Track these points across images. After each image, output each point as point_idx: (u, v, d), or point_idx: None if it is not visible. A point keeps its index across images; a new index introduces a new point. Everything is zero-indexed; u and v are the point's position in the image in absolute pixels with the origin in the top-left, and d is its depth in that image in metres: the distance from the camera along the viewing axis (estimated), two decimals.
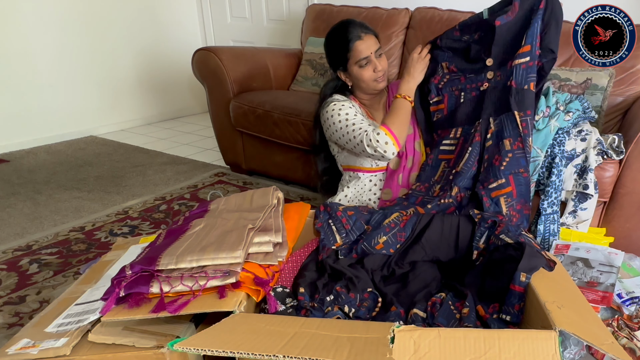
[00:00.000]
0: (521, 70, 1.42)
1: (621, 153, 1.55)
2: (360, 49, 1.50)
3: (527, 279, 0.96)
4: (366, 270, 1.21)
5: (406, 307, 1.08)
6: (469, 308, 1.01)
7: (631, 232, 1.61)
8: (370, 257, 1.25)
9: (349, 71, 1.56)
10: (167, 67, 3.85)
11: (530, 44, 1.42)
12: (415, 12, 2.57)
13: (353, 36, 1.50)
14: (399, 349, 0.73)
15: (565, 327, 0.75)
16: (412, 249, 1.26)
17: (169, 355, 0.90)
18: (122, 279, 0.98)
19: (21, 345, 0.96)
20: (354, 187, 1.61)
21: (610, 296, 1.29)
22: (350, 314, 1.06)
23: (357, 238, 1.29)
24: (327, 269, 1.19)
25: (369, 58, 1.51)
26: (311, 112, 2.27)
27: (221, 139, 2.68)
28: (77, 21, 3.28)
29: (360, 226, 1.31)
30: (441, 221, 1.27)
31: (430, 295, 1.11)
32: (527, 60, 1.42)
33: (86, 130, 3.50)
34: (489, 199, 1.36)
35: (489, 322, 0.98)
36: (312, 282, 1.15)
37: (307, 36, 2.86)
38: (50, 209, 2.25)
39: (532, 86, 1.43)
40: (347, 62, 1.54)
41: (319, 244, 1.29)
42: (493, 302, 1.03)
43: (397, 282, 1.20)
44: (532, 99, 1.43)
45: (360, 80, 1.55)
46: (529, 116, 1.42)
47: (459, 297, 1.08)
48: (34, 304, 1.54)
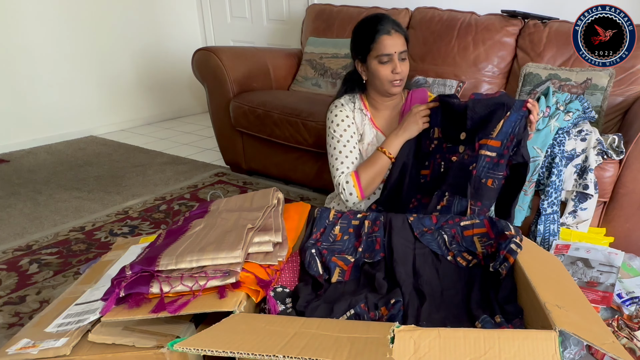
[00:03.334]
0: (484, 163, 1.32)
1: (621, 153, 1.55)
2: (385, 44, 1.43)
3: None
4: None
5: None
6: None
7: (631, 232, 1.61)
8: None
9: (367, 64, 1.49)
10: (167, 67, 3.85)
11: (501, 141, 1.31)
12: (415, 12, 2.57)
13: (382, 29, 1.43)
14: (399, 349, 0.73)
15: (565, 327, 0.75)
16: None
17: (169, 355, 0.90)
18: (122, 279, 0.98)
19: (21, 345, 0.96)
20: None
21: (610, 296, 1.29)
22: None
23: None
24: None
25: (392, 57, 1.44)
26: (311, 112, 2.28)
27: (221, 139, 2.68)
28: (78, 21, 3.28)
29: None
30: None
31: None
32: (494, 156, 1.31)
33: (86, 130, 3.50)
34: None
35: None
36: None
37: (307, 36, 2.86)
38: (50, 209, 2.25)
39: (490, 183, 1.32)
40: (368, 54, 1.47)
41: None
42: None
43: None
44: (489, 194, 1.33)
45: (375, 77, 1.48)
46: (480, 207, 1.33)
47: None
48: (34, 304, 1.54)
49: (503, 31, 2.27)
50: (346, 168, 1.50)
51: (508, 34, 2.26)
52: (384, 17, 1.47)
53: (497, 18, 2.31)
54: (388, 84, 1.48)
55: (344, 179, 1.48)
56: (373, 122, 1.58)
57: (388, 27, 1.44)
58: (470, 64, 2.31)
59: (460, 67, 2.33)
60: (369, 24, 1.47)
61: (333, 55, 2.67)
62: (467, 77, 2.30)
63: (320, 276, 1.16)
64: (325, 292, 1.14)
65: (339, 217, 1.33)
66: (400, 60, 1.46)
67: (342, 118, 1.54)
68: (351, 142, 1.53)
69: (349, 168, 1.50)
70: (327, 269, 1.18)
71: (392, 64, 1.45)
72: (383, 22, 1.45)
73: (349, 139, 1.53)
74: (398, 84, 1.48)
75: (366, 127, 1.57)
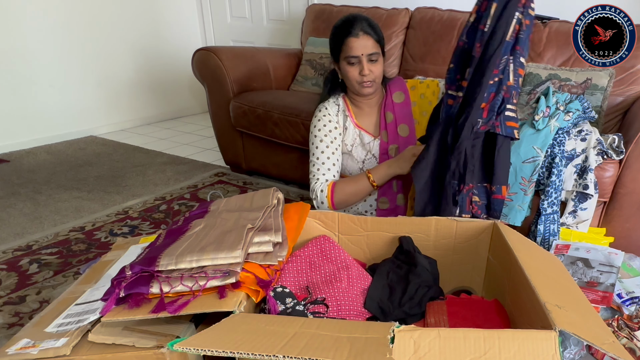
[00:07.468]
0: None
1: (621, 153, 1.55)
2: (351, 46, 1.45)
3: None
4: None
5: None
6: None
7: (631, 232, 1.61)
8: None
9: (339, 64, 1.52)
10: (167, 67, 3.85)
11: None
12: (415, 12, 2.57)
13: (351, 31, 1.45)
14: (399, 349, 0.73)
15: (565, 327, 0.75)
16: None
17: (169, 355, 0.89)
18: (122, 280, 0.98)
19: (21, 345, 0.96)
20: None
21: (610, 296, 1.29)
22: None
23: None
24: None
25: (359, 59, 1.45)
26: (311, 112, 2.27)
27: (221, 139, 2.68)
28: (78, 21, 3.28)
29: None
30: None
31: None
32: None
33: (86, 130, 3.50)
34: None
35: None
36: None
37: (307, 36, 2.86)
38: (50, 209, 2.25)
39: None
40: (339, 55, 1.49)
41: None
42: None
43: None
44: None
45: (346, 78, 1.52)
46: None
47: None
48: (34, 304, 1.54)
49: None
50: (322, 175, 1.52)
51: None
52: (356, 19, 1.47)
53: None
54: (357, 85, 1.49)
55: (319, 187, 1.49)
56: (355, 121, 1.59)
57: (357, 30, 1.44)
58: None
59: None
60: (341, 26, 1.49)
61: None
62: None
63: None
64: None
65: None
66: (369, 62, 1.46)
67: (324, 123, 1.55)
68: (330, 148, 1.54)
69: (324, 175, 1.52)
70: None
71: (359, 66, 1.46)
72: (354, 24, 1.45)
73: (328, 144, 1.54)
74: (368, 84, 1.48)
75: (349, 127, 1.58)
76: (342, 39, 1.46)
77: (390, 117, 1.57)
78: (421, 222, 1.29)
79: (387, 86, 1.61)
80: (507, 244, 1.08)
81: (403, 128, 1.56)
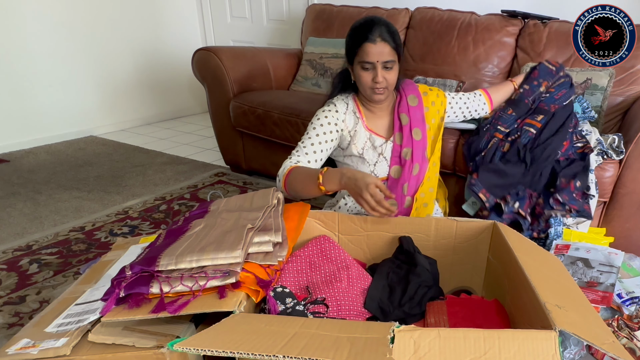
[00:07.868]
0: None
1: (621, 153, 1.55)
2: (367, 52, 1.40)
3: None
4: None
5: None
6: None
7: (631, 232, 1.61)
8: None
9: (353, 67, 1.48)
10: (167, 67, 3.85)
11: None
12: (415, 12, 2.57)
13: (368, 36, 1.40)
14: (399, 349, 0.73)
15: (565, 327, 0.75)
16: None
17: (169, 355, 0.89)
18: (122, 280, 0.98)
19: (21, 345, 0.96)
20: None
21: (610, 296, 1.29)
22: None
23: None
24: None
25: (373, 65, 1.41)
26: (311, 112, 2.26)
27: (221, 139, 2.68)
28: (78, 21, 3.28)
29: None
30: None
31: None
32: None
33: (86, 130, 3.50)
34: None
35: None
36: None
37: (307, 36, 2.86)
38: (50, 209, 2.25)
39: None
40: (354, 58, 1.45)
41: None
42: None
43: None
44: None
45: (358, 81, 1.49)
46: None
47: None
48: (34, 304, 1.54)
49: (503, 31, 2.27)
50: (297, 156, 1.45)
51: (508, 34, 2.26)
52: (375, 23, 1.42)
53: (497, 18, 2.31)
54: (369, 91, 1.46)
55: (286, 165, 1.42)
56: (365, 124, 1.55)
57: (375, 35, 1.40)
58: (470, 64, 2.31)
59: (460, 67, 2.33)
60: (359, 27, 1.45)
61: (333, 55, 2.67)
62: (467, 77, 2.30)
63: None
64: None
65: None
66: (384, 69, 1.42)
67: (328, 120, 1.50)
68: (320, 141, 1.49)
69: (299, 157, 1.45)
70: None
71: (373, 72, 1.42)
72: (373, 28, 1.41)
73: (320, 135, 1.49)
74: (380, 91, 1.45)
75: (359, 130, 1.55)
76: (359, 43, 1.42)
77: (406, 120, 1.53)
78: (421, 222, 1.29)
79: (400, 88, 1.57)
80: (507, 244, 1.08)
81: (417, 132, 1.52)
